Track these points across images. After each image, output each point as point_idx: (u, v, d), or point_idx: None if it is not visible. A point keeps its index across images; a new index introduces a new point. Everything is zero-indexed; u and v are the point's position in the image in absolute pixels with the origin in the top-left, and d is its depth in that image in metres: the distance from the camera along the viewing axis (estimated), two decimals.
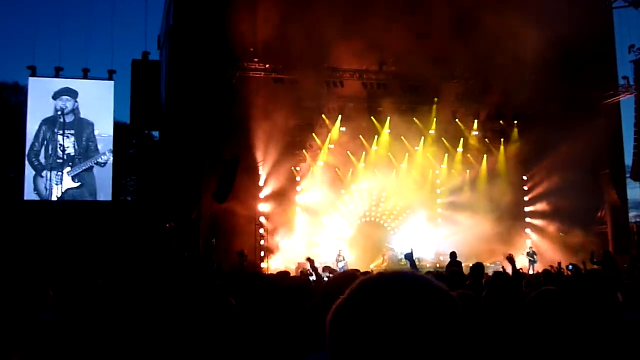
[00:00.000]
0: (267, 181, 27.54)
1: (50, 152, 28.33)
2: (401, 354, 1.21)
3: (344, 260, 25.28)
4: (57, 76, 29.11)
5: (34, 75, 29.02)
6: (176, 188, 25.73)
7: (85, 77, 29.58)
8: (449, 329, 1.25)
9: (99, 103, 29.25)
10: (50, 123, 28.59)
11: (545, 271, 12.35)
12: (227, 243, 24.58)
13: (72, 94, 28.98)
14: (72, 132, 28.82)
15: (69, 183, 28.39)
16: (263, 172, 27.39)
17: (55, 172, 27.86)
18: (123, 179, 32.18)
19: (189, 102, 26.08)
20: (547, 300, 3.32)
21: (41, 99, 28.66)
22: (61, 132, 28.28)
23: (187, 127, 26.11)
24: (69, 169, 28.47)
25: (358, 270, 6.45)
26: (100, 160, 28.69)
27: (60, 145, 28.34)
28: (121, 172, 30.38)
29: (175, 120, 26.92)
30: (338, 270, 19.54)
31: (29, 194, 27.90)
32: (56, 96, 28.79)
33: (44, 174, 27.99)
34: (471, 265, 10.24)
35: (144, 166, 30.75)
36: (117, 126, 30.49)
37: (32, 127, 28.38)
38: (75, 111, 28.96)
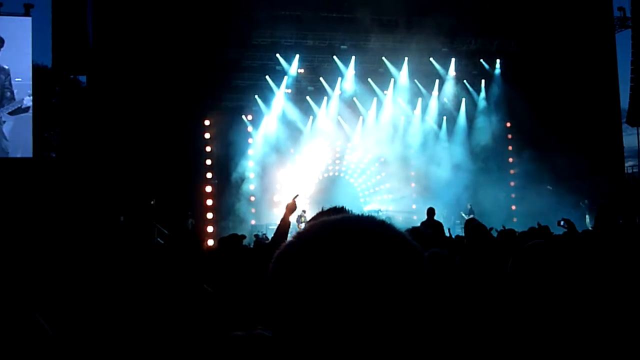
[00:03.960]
0: (215, 132, 27.39)
1: None
2: (343, 306, 1.17)
3: (306, 221, 25.19)
4: None
5: None
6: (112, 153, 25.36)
7: None
8: (404, 281, 1.21)
9: (13, 43, 28.42)
10: None
11: (530, 229, 12.10)
12: (169, 204, 24.44)
13: None
14: None
15: None
16: (210, 121, 27.19)
17: None
18: (45, 132, 31.54)
19: (120, 39, 25.55)
20: (534, 256, 3.25)
21: None
22: None
23: (120, 70, 25.65)
24: None
25: None
26: (21, 106, 27.94)
27: None
28: (42, 123, 29.71)
29: (106, 61, 26.38)
30: None
31: None
32: None
33: None
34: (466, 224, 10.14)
35: (69, 117, 30.11)
36: (37, 70, 29.69)
37: None
38: None
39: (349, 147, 30.53)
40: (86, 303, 5.42)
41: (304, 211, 25.36)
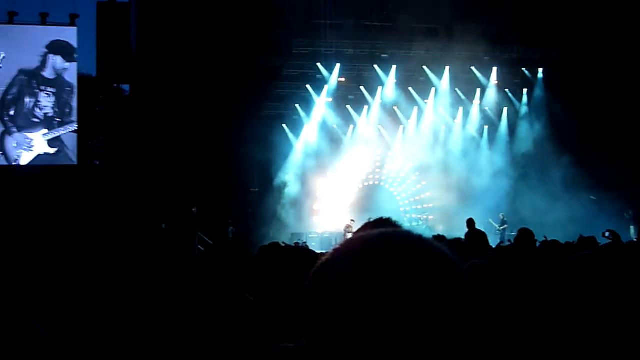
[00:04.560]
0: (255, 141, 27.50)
1: (24, 109, 28.06)
2: (381, 323, 1.18)
3: (352, 232, 24.96)
4: (10, 22, 28.58)
5: None
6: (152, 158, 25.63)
7: (44, 23, 29.02)
8: (443, 298, 1.21)
9: (59, 52, 28.88)
10: (30, 75, 28.30)
11: (579, 239, 11.86)
12: (210, 211, 24.58)
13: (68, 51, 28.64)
14: (53, 90, 28.55)
15: (42, 147, 28.11)
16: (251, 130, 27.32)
17: (26, 134, 27.73)
18: (89, 140, 31.95)
19: (163, 48, 25.81)
20: (581, 268, 3.22)
21: None
22: (42, 87, 28.12)
23: (162, 79, 25.91)
24: (45, 130, 28.17)
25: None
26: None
27: (39, 102, 28.11)
28: (86, 131, 30.13)
29: (148, 70, 26.68)
30: None
31: None
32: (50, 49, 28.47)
33: (14, 133, 27.79)
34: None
35: (112, 125, 30.50)
36: (82, 79, 30.15)
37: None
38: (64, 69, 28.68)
39: (389, 156, 30.46)
40: (129, 310, 5.47)
41: (352, 220, 25.26)
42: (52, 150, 28.06)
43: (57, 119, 28.28)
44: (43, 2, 32.13)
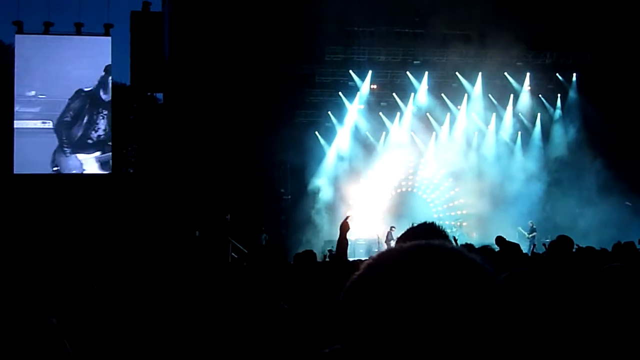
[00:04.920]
0: (288, 148, 27.57)
1: (82, 130, 28.54)
2: (414, 335, 1.19)
3: (393, 239, 24.89)
4: (46, 32, 29.02)
5: (20, 31, 29.00)
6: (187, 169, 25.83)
7: (79, 33, 29.40)
8: (476, 309, 1.22)
9: (94, 61, 29.22)
10: (90, 96, 28.83)
11: (614, 246, 11.66)
12: (244, 218, 24.66)
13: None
14: (107, 112, 29.01)
15: (93, 169, 28.57)
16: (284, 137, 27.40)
17: (78, 156, 28.23)
18: (123, 148, 32.25)
19: (196, 57, 26.00)
20: (611, 281, 3.20)
21: (29, 59, 28.66)
22: (100, 109, 28.64)
23: (195, 87, 26.10)
24: (97, 153, 28.61)
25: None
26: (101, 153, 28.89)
27: (96, 124, 28.60)
28: (121, 140, 30.43)
29: (182, 78, 26.89)
30: None
31: (19, 166, 27.95)
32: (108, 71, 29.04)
33: (67, 151, 28.26)
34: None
35: (146, 133, 30.76)
36: (116, 88, 30.48)
37: (22, 90, 28.39)
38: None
39: (422, 163, 30.35)
40: (165, 317, 5.53)
41: (392, 227, 25.19)
42: (105, 172, 28.51)
43: (109, 142, 28.74)
44: (78, 13, 32.58)
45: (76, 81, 28.72)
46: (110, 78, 29.01)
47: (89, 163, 28.32)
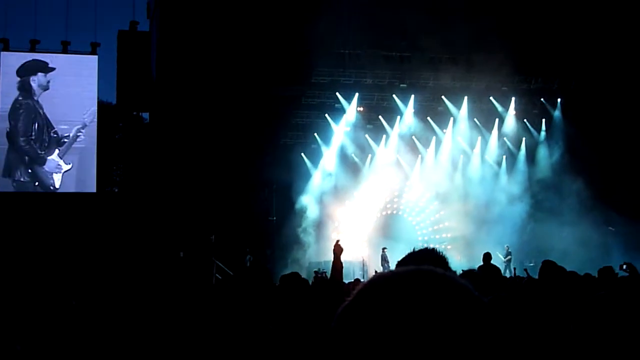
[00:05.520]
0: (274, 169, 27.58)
1: (35, 134, 28.24)
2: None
3: (388, 262, 24.84)
4: (32, 50, 28.93)
5: (6, 49, 28.85)
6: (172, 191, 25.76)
7: (65, 51, 29.33)
8: (467, 334, 1.21)
9: (80, 80, 29.12)
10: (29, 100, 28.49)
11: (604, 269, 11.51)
12: (229, 240, 24.58)
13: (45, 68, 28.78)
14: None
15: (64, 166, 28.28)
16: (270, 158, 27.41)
17: (50, 158, 27.95)
18: (108, 167, 32.12)
19: (183, 77, 26.02)
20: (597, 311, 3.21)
21: (14, 75, 28.53)
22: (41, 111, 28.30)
23: (182, 107, 26.10)
24: (57, 150, 28.29)
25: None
26: (85, 120, 28.35)
27: (45, 124, 28.30)
28: (106, 159, 30.30)
29: (168, 98, 26.88)
30: None
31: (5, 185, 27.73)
32: (28, 71, 28.59)
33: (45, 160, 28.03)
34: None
35: (131, 152, 30.67)
36: (102, 106, 30.39)
37: (5, 106, 28.20)
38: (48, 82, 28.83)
39: (407, 185, 30.42)
40: (147, 338, 5.48)
41: (384, 249, 25.21)
42: (68, 167, 28.25)
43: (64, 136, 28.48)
44: (65, 31, 32.53)
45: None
46: (33, 77, 28.52)
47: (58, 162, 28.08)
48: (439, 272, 1.32)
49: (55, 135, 28.15)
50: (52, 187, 27.87)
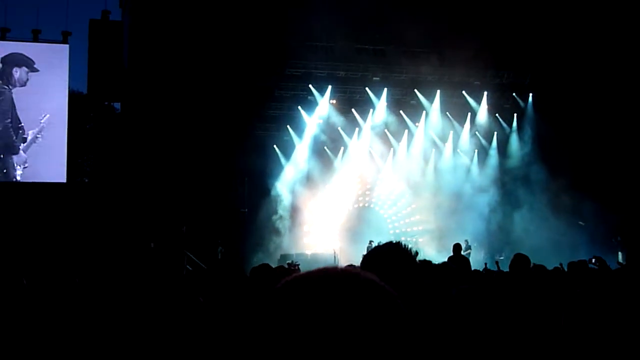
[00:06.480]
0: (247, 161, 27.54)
1: (12, 123, 27.91)
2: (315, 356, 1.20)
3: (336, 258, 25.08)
4: (2, 38, 28.58)
5: None
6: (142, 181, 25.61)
7: (36, 40, 28.99)
8: (378, 330, 1.23)
9: (51, 69, 28.81)
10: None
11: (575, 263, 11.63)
12: (200, 231, 24.53)
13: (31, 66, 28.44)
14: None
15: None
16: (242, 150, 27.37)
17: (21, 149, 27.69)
18: (79, 157, 31.85)
19: (155, 67, 25.87)
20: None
21: None
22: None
23: (153, 97, 25.95)
24: (22, 145, 28.02)
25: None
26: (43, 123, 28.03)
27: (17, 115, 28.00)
28: (76, 149, 30.04)
29: (140, 88, 26.72)
30: None
31: None
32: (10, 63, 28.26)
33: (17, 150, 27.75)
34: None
35: (102, 143, 30.45)
36: (73, 96, 30.11)
37: None
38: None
39: (379, 179, 30.51)
40: (115, 329, 5.46)
41: (371, 241, 25.28)
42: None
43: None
44: (36, 19, 32.20)
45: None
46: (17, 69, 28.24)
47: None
48: (345, 271, 1.34)
49: (20, 131, 27.86)
50: (14, 179, 27.58)
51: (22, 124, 27.88)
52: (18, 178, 27.63)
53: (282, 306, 1.26)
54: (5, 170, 27.60)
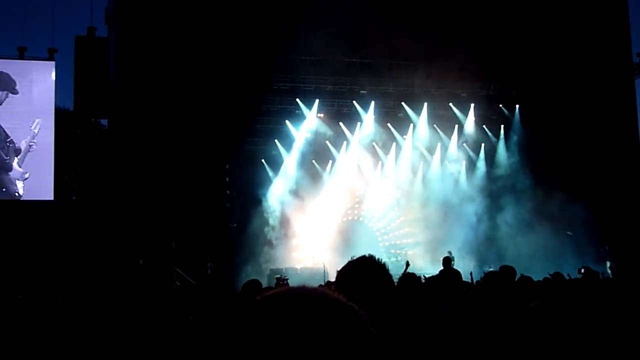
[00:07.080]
0: (235, 176, 27.55)
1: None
2: None
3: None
4: None
5: None
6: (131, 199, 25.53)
7: (22, 57, 28.89)
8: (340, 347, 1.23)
9: (37, 86, 28.74)
10: None
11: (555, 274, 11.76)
12: (189, 247, 24.45)
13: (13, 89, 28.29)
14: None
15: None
16: (230, 165, 27.38)
17: (14, 165, 27.52)
18: (66, 174, 31.74)
19: (141, 83, 25.86)
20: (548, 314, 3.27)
21: None
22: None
23: (140, 113, 25.93)
24: (16, 159, 27.84)
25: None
26: (33, 130, 27.84)
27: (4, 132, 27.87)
28: (63, 166, 29.94)
29: (126, 105, 26.69)
30: None
31: None
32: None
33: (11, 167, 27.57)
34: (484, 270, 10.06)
35: (89, 159, 30.39)
36: (59, 113, 30.03)
37: None
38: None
39: (368, 192, 30.54)
40: (105, 347, 5.45)
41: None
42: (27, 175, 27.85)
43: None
44: (22, 36, 32.10)
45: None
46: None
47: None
48: (316, 290, 1.34)
49: (11, 145, 27.72)
50: (16, 194, 27.46)
51: (11, 138, 27.75)
52: (20, 192, 27.48)
53: (241, 327, 1.28)
54: (4, 189, 27.46)
